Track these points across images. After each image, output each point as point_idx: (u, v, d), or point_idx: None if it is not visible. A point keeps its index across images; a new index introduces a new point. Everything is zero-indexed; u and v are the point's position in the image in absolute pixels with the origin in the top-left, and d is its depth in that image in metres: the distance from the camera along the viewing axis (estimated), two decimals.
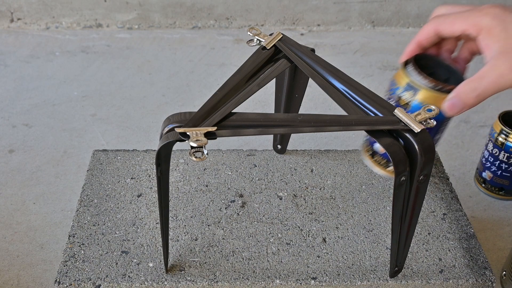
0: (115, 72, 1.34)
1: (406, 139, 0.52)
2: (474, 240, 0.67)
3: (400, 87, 0.59)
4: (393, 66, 1.39)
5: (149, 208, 0.70)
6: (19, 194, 0.96)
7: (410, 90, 0.58)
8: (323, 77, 0.57)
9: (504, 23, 0.54)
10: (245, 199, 0.72)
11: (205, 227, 0.68)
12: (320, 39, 1.51)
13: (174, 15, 1.53)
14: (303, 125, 0.52)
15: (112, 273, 0.61)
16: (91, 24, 1.53)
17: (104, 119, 1.16)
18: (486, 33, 0.54)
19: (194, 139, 0.49)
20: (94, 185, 0.73)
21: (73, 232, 0.67)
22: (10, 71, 1.33)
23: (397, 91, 0.60)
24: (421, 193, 0.54)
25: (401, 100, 0.59)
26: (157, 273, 0.62)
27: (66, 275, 0.61)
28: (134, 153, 0.80)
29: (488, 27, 0.54)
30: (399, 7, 1.55)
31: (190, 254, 0.64)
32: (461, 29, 0.56)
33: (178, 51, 1.44)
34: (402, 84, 0.59)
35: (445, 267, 0.64)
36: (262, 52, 0.59)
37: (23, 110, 1.18)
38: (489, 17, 0.54)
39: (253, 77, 0.57)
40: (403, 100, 0.59)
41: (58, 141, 1.09)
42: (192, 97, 1.25)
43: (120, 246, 0.65)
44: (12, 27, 1.51)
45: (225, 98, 0.54)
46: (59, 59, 1.38)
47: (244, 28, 1.54)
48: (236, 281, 0.61)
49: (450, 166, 1.02)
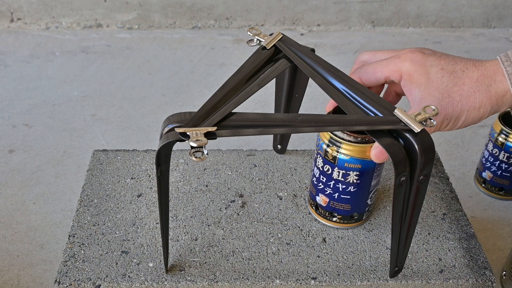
0: (115, 72, 1.34)
1: (406, 139, 0.52)
2: (474, 240, 0.67)
3: (324, 142, 0.61)
4: None
5: (149, 208, 0.70)
6: (19, 194, 0.96)
7: (333, 145, 0.60)
8: (323, 77, 0.57)
9: (423, 67, 0.55)
10: (245, 199, 0.72)
11: (205, 227, 0.68)
12: (320, 39, 1.51)
13: (174, 15, 1.53)
14: (303, 125, 0.52)
15: (112, 273, 0.61)
16: (91, 24, 1.53)
17: (104, 119, 1.16)
18: (407, 79, 0.56)
19: (194, 139, 0.49)
20: (94, 185, 0.73)
21: (73, 232, 0.67)
22: (10, 71, 1.33)
23: (323, 146, 0.62)
24: (421, 193, 0.54)
25: (328, 155, 0.61)
26: (157, 273, 0.62)
27: (66, 275, 0.61)
28: (134, 153, 0.80)
29: (408, 72, 0.56)
30: (399, 7, 1.55)
31: (190, 254, 0.64)
32: (384, 77, 0.58)
33: (178, 51, 1.44)
34: (325, 140, 0.61)
35: (445, 267, 0.64)
36: (262, 52, 0.59)
37: (23, 110, 1.18)
38: (408, 62, 0.56)
39: (253, 77, 0.57)
40: (330, 155, 0.61)
41: (58, 141, 1.09)
42: (192, 97, 1.25)
43: (120, 246, 0.65)
44: (12, 27, 1.51)
45: (225, 98, 0.54)
46: (59, 59, 1.38)
47: (244, 28, 1.54)
48: (236, 281, 0.61)
49: (450, 166, 1.02)
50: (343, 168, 0.61)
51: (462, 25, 1.59)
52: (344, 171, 0.61)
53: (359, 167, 0.61)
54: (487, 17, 1.58)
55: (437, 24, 1.58)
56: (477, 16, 1.58)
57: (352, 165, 0.60)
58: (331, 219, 0.67)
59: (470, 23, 1.59)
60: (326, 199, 0.65)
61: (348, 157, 0.60)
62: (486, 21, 1.59)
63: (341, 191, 0.63)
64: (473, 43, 1.52)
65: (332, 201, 0.65)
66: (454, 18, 1.58)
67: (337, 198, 0.64)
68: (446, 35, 1.55)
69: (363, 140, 0.59)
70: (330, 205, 0.65)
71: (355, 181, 0.62)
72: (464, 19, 1.58)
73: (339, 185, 0.63)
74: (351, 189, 0.63)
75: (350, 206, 0.65)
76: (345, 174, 0.61)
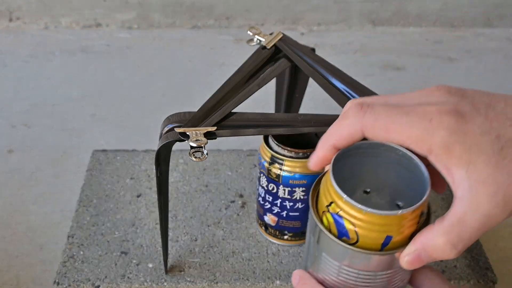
0: (115, 72, 1.34)
1: None
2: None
3: (266, 160, 0.60)
4: (394, 66, 1.39)
5: (149, 208, 0.70)
6: (18, 195, 0.95)
7: (275, 163, 0.59)
8: (324, 76, 0.57)
9: (465, 137, 0.36)
10: (245, 199, 0.72)
11: (205, 227, 0.67)
12: (320, 39, 1.51)
13: (174, 14, 1.53)
14: (303, 125, 0.52)
15: (112, 273, 0.61)
16: (91, 23, 1.53)
17: (104, 119, 1.16)
18: (444, 153, 0.37)
19: (194, 139, 0.48)
20: (93, 186, 0.73)
21: (72, 232, 0.66)
22: (9, 71, 1.32)
23: (265, 164, 0.60)
24: None
25: (271, 173, 0.59)
26: (157, 273, 0.61)
27: (65, 276, 0.61)
28: (134, 153, 0.79)
29: (444, 145, 0.37)
30: (399, 7, 1.55)
31: (190, 254, 0.64)
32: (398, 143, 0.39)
33: (178, 51, 1.44)
34: (267, 158, 0.59)
35: (446, 267, 0.63)
36: (262, 51, 0.59)
37: (22, 110, 1.18)
38: (444, 131, 0.36)
39: (253, 77, 0.57)
40: (274, 173, 0.59)
41: (57, 141, 1.09)
42: (192, 97, 1.24)
43: (119, 246, 0.64)
44: (11, 26, 1.51)
45: (225, 98, 0.54)
46: (58, 59, 1.38)
47: (244, 28, 1.54)
48: (236, 282, 0.61)
49: None
50: (288, 186, 0.59)
51: (463, 24, 1.58)
52: (289, 188, 0.59)
53: (305, 183, 0.59)
54: (488, 17, 1.58)
55: (438, 24, 1.58)
56: (478, 16, 1.58)
57: (297, 181, 0.59)
58: (282, 238, 0.65)
59: (471, 23, 1.58)
60: (275, 218, 0.63)
61: (292, 173, 0.58)
62: (487, 20, 1.58)
63: (289, 208, 0.61)
64: (474, 43, 1.51)
65: (281, 219, 0.63)
66: (455, 18, 1.57)
67: (286, 216, 0.62)
68: (446, 34, 1.55)
69: (305, 155, 0.57)
70: (280, 224, 0.63)
71: (302, 197, 0.60)
72: (465, 18, 1.58)
73: (286, 203, 0.61)
74: (299, 206, 0.61)
75: (300, 223, 0.63)
76: (291, 191, 0.59)
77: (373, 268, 0.41)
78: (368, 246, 0.40)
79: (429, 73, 1.35)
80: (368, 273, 0.41)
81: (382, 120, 0.38)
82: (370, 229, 0.39)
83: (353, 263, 0.41)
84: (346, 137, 0.40)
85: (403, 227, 0.39)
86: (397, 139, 0.38)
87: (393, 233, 0.39)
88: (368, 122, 0.39)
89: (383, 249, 0.40)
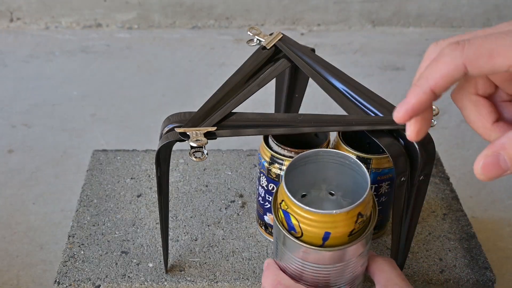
0: (115, 72, 1.34)
1: (406, 139, 0.51)
2: (474, 240, 0.67)
3: (265, 160, 0.60)
4: (394, 66, 1.39)
5: (149, 208, 0.70)
6: (18, 194, 0.96)
7: (275, 163, 0.59)
8: (323, 77, 0.57)
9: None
10: (245, 199, 0.72)
11: (205, 227, 0.68)
12: (320, 39, 1.51)
13: (174, 15, 1.53)
14: (303, 125, 0.52)
15: (112, 273, 0.61)
16: (91, 24, 1.53)
17: (104, 119, 1.16)
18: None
19: (194, 139, 0.49)
20: (93, 185, 0.73)
21: (72, 232, 0.66)
22: (10, 71, 1.32)
23: (265, 164, 0.60)
24: (421, 193, 0.54)
25: (271, 173, 0.59)
26: (157, 273, 0.61)
27: (66, 276, 0.61)
28: (134, 153, 0.79)
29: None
30: (399, 7, 1.55)
31: (190, 254, 0.64)
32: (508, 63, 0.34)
33: (178, 51, 1.44)
34: (267, 158, 0.59)
35: (445, 267, 0.63)
36: (262, 52, 0.59)
37: (23, 110, 1.18)
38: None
39: (253, 77, 0.57)
40: (274, 173, 0.59)
41: (57, 141, 1.09)
42: (192, 97, 1.24)
43: (119, 246, 0.65)
44: (11, 26, 1.51)
45: (225, 98, 0.54)
46: (58, 59, 1.38)
47: (244, 28, 1.54)
48: (236, 281, 0.61)
49: (451, 166, 1.02)
50: None
51: (463, 25, 1.58)
52: None
53: None
54: (487, 17, 1.58)
55: (438, 24, 1.58)
56: (478, 16, 1.58)
57: None
58: None
59: (470, 23, 1.59)
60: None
61: None
62: (487, 20, 1.59)
63: None
64: None
65: None
66: (455, 18, 1.58)
67: None
68: (446, 35, 1.55)
69: None
70: None
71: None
72: (464, 19, 1.58)
73: None
74: None
75: None
76: None
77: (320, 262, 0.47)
78: (311, 240, 0.46)
79: None
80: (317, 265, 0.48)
81: (484, 48, 0.34)
82: (311, 225, 0.46)
83: (304, 256, 0.47)
84: (446, 77, 0.35)
85: (339, 225, 0.45)
86: (503, 63, 0.34)
87: (331, 230, 0.45)
88: (470, 54, 0.35)
89: (324, 244, 0.46)
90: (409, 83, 0.35)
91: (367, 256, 0.52)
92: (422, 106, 0.36)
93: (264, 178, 0.61)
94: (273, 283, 0.49)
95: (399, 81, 1.32)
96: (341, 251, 0.47)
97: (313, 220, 0.45)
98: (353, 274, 0.50)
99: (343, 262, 0.48)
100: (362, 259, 0.50)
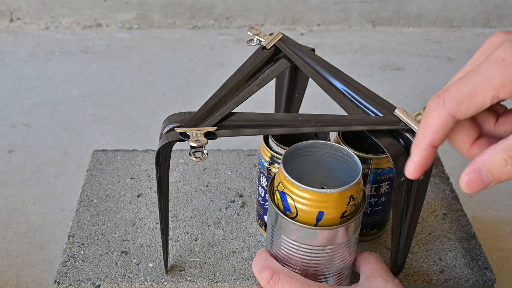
0: (115, 72, 1.34)
1: (406, 139, 0.51)
2: (474, 240, 0.67)
3: (265, 160, 0.60)
4: (394, 66, 1.39)
5: (149, 208, 0.70)
6: (18, 194, 0.96)
7: (275, 163, 0.59)
8: (323, 77, 0.57)
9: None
10: (245, 199, 0.72)
11: (205, 227, 0.68)
12: (320, 39, 1.51)
13: (174, 15, 1.53)
14: (303, 125, 0.52)
15: (112, 273, 0.61)
16: (91, 24, 1.53)
17: (104, 119, 1.16)
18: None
19: (194, 139, 0.49)
20: (93, 185, 0.73)
21: (72, 232, 0.66)
22: (10, 71, 1.32)
23: (265, 164, 0.60)
24: (421, 193, 0.54)
25: (271, 173, 0.59)
26: (157, 273, 0.61)
27: (66, 276, 0.61)
28: (134, 153, 0.79)
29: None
30: (399, 7, 1.55)
31: (190, 254, 0.64)
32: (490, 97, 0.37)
33: (178, 51, 1.44)
34: (267, 158, 0.60)
35: (445, 267, 0.63)
36: (262, 52, 0.59)
37: (23, 110, 1.18)
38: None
39: (253, 77, 0.57)
40: (274, 173, 0.59)
41: (57, 141, 1.09)
42: (192, 97, 1.25)
43: (119, 246, 0.65)
44: (11, 26, 1.51)
45: (225, 98, 0.54)
46: (58, 59, 1.38)
47: (244, 28, 1.54)
48: (236, 281, 0.61)
49: (451, 166, 1.02)
50: None
51: (463, 25, 1.58)
52: None
53: None
54: (487, 17, 1.58)
55: (438, 24, 1.58)
56: (478, 16, 1.58)
57: None
58: None
59: (470, 23, 1.59)
60: None
61: None
62: (487, 20, 1.59)
63: None
64: (473, 43, 1.52)
65: None
66: (455, 18, 1.58)
67: None
68: (446, 35, 1.55)
69: None
70: None
71: None
72: (464, 19, 1.58)
73: None
74: None
75: None
76: None
77: (311, 242, 0.50)
78: (305, 220, 0.49)
79: (429, 73, 1.35)
80: (309, 247, 0.50)
81: (461, 93, 0.37)
82: (305, 204, 0.48)
83: (297, 237, 0.50)
84: (439, 131, 0.39)
85: (332, 205, 0.48)
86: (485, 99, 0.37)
87: (324, 210, 0.48)
88: (451, 103, 0.38)
89: (317, 224, 0.49)
90: (408, 83, 0.35)
91: (355, 247, 0.54)
92: (428, 161, 0.40)
93: (264, 178, 0.61)
94: (261, 266, 0.52)
95: (399, 81, 1.32)
96: (332, 231, 0.49)
97: (308, 199, 0.48)
98: (342, 263, 0.52)
99: (333, 245, 0.50)
100: (351, 247, 0.52)
